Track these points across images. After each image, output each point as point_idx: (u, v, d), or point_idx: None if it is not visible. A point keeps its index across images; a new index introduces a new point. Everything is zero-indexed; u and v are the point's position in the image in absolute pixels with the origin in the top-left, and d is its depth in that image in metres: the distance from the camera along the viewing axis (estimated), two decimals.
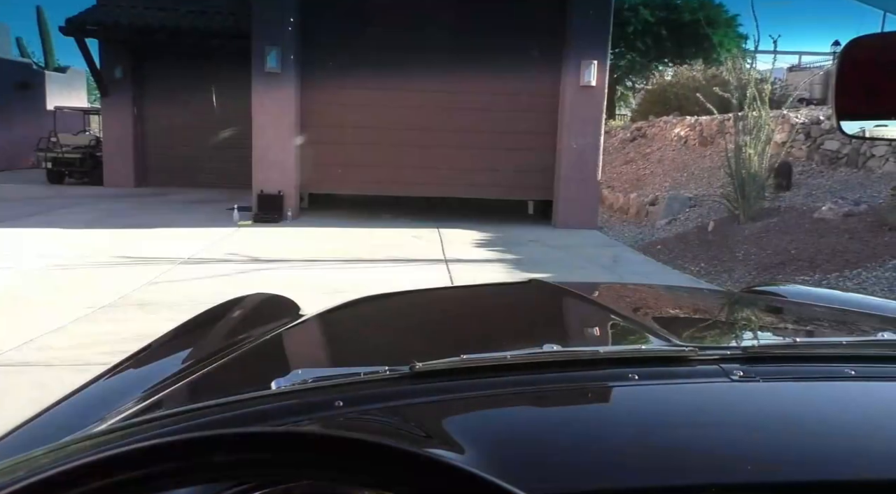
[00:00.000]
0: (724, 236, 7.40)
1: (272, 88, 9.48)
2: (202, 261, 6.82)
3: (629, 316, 1.33)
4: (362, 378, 0.87)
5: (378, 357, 1.26)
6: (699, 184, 10.30)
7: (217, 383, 1.18)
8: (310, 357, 1.39)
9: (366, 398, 0.84)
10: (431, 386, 0.86)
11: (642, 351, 0.96)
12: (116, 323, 4.57)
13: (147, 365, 1.45)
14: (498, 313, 1.70)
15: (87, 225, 8.82)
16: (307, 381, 0.86)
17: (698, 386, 0.87)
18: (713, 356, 0.92)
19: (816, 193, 7.95)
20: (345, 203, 12.63)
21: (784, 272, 5.90)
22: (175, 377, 1.21)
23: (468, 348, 1.12)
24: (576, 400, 0.88)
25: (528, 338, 1.31)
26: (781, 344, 1.02)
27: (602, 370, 0.90)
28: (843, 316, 1.44)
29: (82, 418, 1.08)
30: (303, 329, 1.47)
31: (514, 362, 0.89)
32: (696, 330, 1.34)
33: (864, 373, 0.89)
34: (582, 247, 8.22)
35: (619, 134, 16.26)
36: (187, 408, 0.87)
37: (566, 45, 9.62)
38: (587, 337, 1.36)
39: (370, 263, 6.93)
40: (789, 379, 0.89)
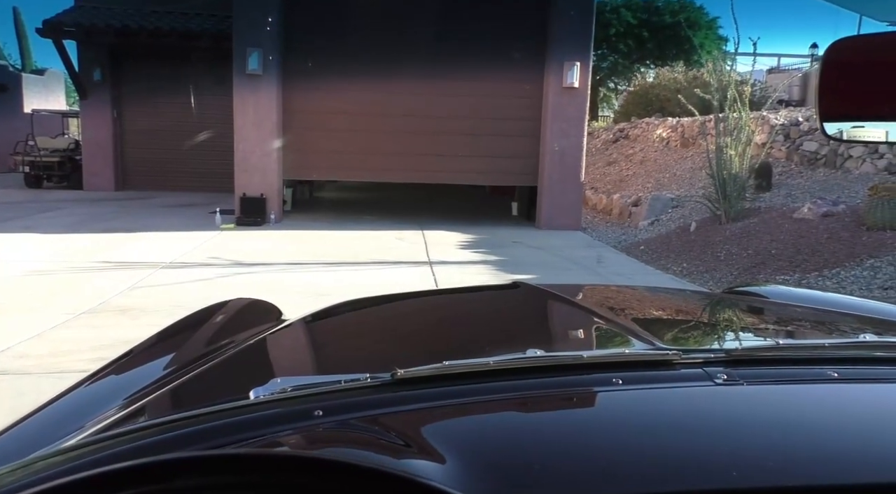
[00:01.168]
0: (706, 236, 7.46)
1: (254, 90, 9.42)
2: (184, 266, 6.75)
3: (612, 318, 1.33)
4: (343, 386, 0.86)
5: (359, 363, 1.25)
6: (681, 185, 10.39)
7: (196, 392, 1.17)
8: (289, 364, 1.38)
9: (346, 407, 0.82)
10: (413, 393, 0.84)
11: (626, 355, 0.96)
12: (96, 329, 4.51)
13: (128, 371, 1.43)
14: (481, 317, 1.68)
15: (67, 229, 8.70)
16: (286, 390, 0.85)
17: (682, 390, 0.87)
18: (697, 359, 0.92)
19: (796, 193, 8.04)
20: (328, 205, 12.59)
21: (765, 271, 5.97)
22: (155, 384, 1.19)
23: (451, 353, 1.10)
24: (560, 406, 0.87)
25: (511, 343, 1.29)
26: (764, 347, 1.02)
27: (586, 374, 0.89)
28: (823, 317, 1.44)
29: (61, 427, 1.07)
30: (283, 335, 1.45)
31: (497, 367, 0.88)
32: (679, 333, 1.34)
33: (845, 375, 0.89)
34: (566, 248, 8.25)
35: (602, 135, 16.36)
36: (163, 421, 0.86)
37: (549, 47, 9.66)
38: (571, 340, 1.35)
39: (354, 266, 6.91)
40: (772, 382, 0.89)
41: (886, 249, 5.65)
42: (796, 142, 9.24)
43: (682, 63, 18.65)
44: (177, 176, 13.51)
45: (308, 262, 7.03)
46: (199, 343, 1.53)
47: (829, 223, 6.42)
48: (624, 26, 21.40)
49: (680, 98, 8.79)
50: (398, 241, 8.44)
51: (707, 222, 7.99)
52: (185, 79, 12.92)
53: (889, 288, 5.08)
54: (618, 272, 6.88)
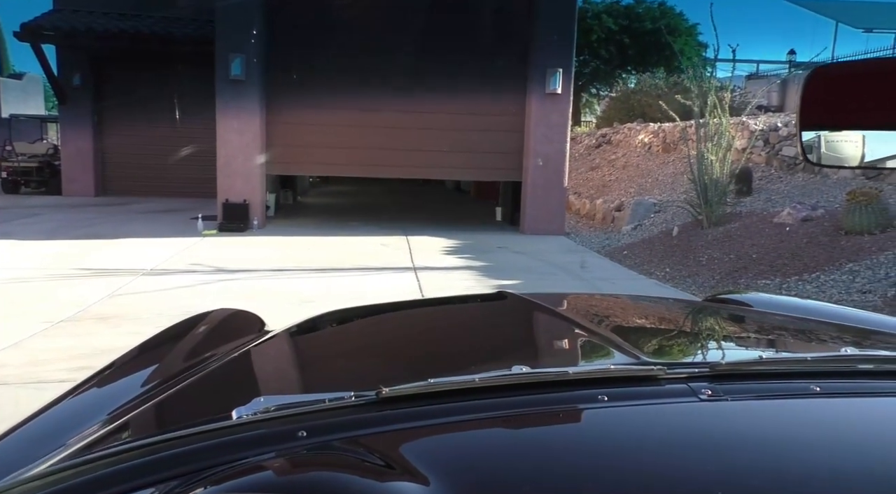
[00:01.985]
0: (689, 241, 7.53)
1: (236, 96, 9.36)
2: (165, 272, 6.68)
3: (597, 330, 1.33)
4: (327, 405, 0.85)
5: (343, 380, 1.25)
6: (663, 190, 10.48)
7: (178, 409, 1.16)
8: (272, 381, 1.36)
9: (330, 427, 0.82)
10: (398, 412, 0.84)
11: (611, 370, 0.96)
12: (75, 337, 4.44)
13: (110, 385, 1.42)
14: (466, 329, 1.69)
15: (46, 235, 8.57)
16: (269, 409, 0.84)
17: (667, 407, 0.87)
18: (681, 374, 0.92)
19: (776, 198, 8.14)
20: (312, 211, 12.53)
21: (746, 276, 6.03)
22: (137, 400, 1.18)
23: (436, 369, 1.10)
24: (546, 424, 0.88)
25: (496, 358, 1.29)
26: (748, 361, 1.03)
27: (571, 391, 0.89)
28: (805, 327, 1.46)
29: (43, 444, 1.06)
30: (266, 348, 1.44)
31: (482, 384, 0.88)
32: (663, 346, 1.35)
33: (828, 390, 0.90)
34: (550, 253, 8.28)
35: (584, 140, 16.46)
36: (144, 443, 0.85)
37: (531, 54, 9.72)
38: (556, 354, 1.35)
39: (338, 272, 6.87)
40: (756, 397, 0.90)
41: (865, 253, 5.74)
42: (776, 148, 9.36)
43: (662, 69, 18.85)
44: (158, 182, 13.37)
45: (291, 269, 6.99)
46: (182, 356, 1.52)
47: (808, 227, 6.51)
48: (605, 32, 21.61)
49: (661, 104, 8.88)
50: (382, 247, 8.42)
51: (689, 227, 8.06)
52: (166, 84, 12.81)
53: (867, 292, 5.15)
54: (602, 277, 6.92)
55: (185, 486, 0.72)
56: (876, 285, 5.23)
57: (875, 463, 0.77)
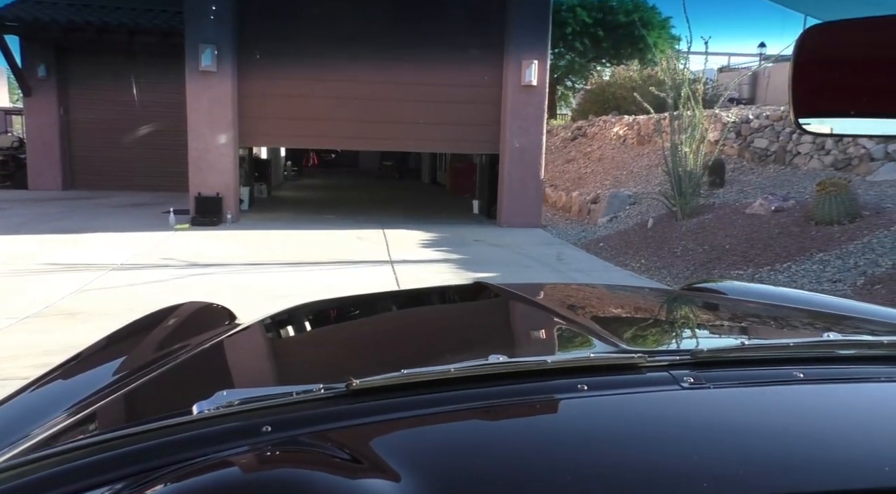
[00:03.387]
0: (663, 233, 7.59)
1: (207, 87, 9.19)
2: (136, 267, 6.55)
3: (576, 320, 1.31)
4: (294, 398, 0.81)
5: (313, 372, 1.21)
6: (638, 182, 10.55)
7: (139, 403, 1.13)
8: (238, 374, 1.31)
9: (297, 421, 0.79)
10: (370, 404, 0.81)
11: (591, 359, 0.94)
12: (41, 334, 4.32)
13: (76, 376, 1.38)
14: (441, 320, 1.65)
15: (10, 230, 8.35)
16: (233, 403, 0.80)
17: (649, 396, 0.85)
18: (662, 362, 0.90)
19: (748, 190, 8.25)
20: (287, 204, 12.39)
21: (720, 266, 6.10)
22: (101, 393, 1.15)
23: (410, 360, 1.07)
24: (524, 414, 0.85)
25: (472, 348, 1.26)
26: (729, 348, 1.02)
27: (550, 381, 0.87)
28: (783, 314, 1.46)
29: (6, 434, 1.02)
30: (233, 341, 1.40)
31: (458, 375, 0.85)
32: (643, 334, 1.33)
33: (811, 376, 0.89)
34: (526, 246, 8.29)
35: (560, 133, 16.52)
36: (101, 439, 0.81)
37: (507, 46, 9.69)
38: (534, 344, 1.32)
39: (313, 266, 6.80)
40: (739, 384, 0.89)
41: (834, 243, 5.83)
42: (747, 140, 9.48)
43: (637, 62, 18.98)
44: (128, 175, 13.11)
45: (266, 263, 6.90)
46: (149, 348, 1.48)
47: (779, 218, 6.60)
48: (580, 25, 21.67)
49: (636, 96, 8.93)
50: (359, 240, 8.36)
51: (664, 218, 8.13)
52: (135, 76, 12.54)
53: (837, 281, 5.24)
54: (578, 268, 6.95)
55: (141, 484, 0.68)
56: (845, 274, 5.32)
57: (859, 449, 0.76)
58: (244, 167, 11.24)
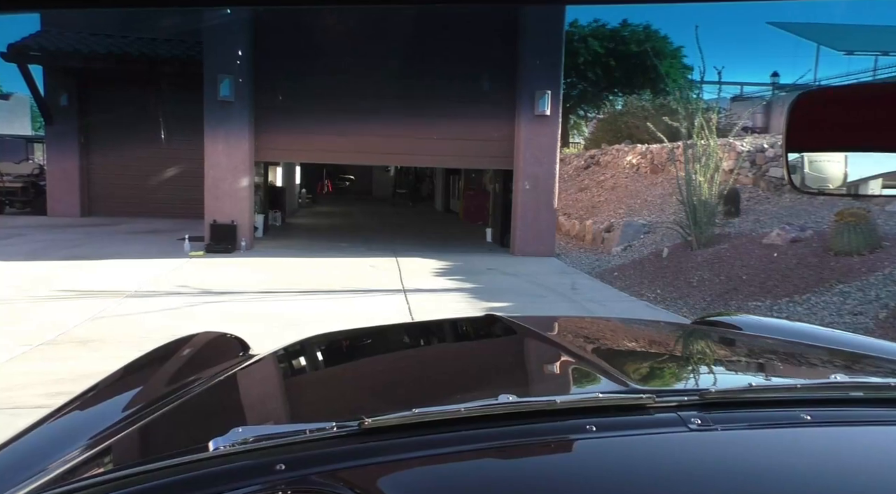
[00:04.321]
0: (679, 262, 7.52)
1: (225, 117, 9.32)
2: (150, 294, 6.56)
3: (586, 356, 1.31)
4: (307, 436, 0.83)
5: (326, 409, 1.23)
6: (652, 211, 10.51)
7: (157, 437, 1.14)
8: (252, 409, 1.32)
9: (310, 460, 0.80)
10: (381, 444, 0.82)
11: (600, 399, 0.94)
12: (54, 361, 4.32)
13: (92, 408, 1.39)
14: (453, 355, 1.67)
15: (27, 256, 8.43)
16: (248, 440, 0.81)
17: (657, 437, 0.86)
18: (671, 403, 0.91)
19: (764, 219, 8.17)
20: (301, 232, 12.45)
21: (737, 298, 6.01)
22: (117, 426, 1.15)
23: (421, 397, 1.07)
24: (533, 455, 0.85)
25: (483, 385, 1.27)
26: (737, 389, 1.02)
27: (559, 421, 0.88)
28: (794, 351, 1.45)
29: (25, 467, 1.03)
30: (248, 374, 1.41)
31: (468, 415, 0.86)
32: (652, 372, 1.34)
33: (819, 418, 0.89)
34: (540, 275, 8.24)
35: (573, 161, 16.54)
36: (119, 475, 0.83)
37: (519, 76, 9.77)
38: (544, 382, 1.34)
39: (327, 294, 6.78)
40: (746, 426, 0.89)
41: (854, 274, 5.74)
42: (762, 169, 9.42)
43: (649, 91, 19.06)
44: (145, 202, 13.26)
45: (279, 291, 6.90)
46: (164, 379, 1.50)
47: (797, 248, 6.52)
48: (592, 55, 21.87)
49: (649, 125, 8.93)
50: (372, 269, 8.35)
51: (679, 248, 8.06)
52: (154, 104, 12.75)
53: (859, 314, 5.14)
54: (592, 299, 6.87)
55: None
56: (867, 307, 5.22)
57: (865, 492, 0.75)
58: (259, 194, 11.33)
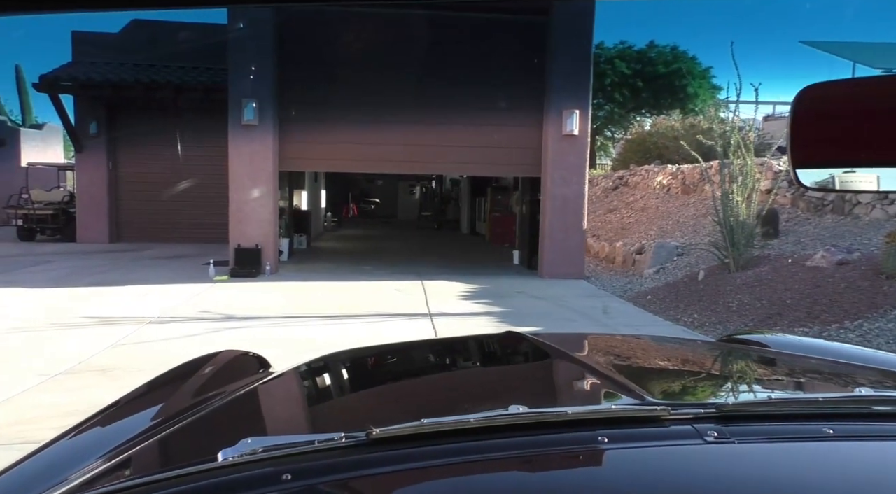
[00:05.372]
0: (716, 286, 7.19)
1: (249, 141, 9.29)
2: (172, 320, 6.46)
3: (602, 370, 1.26)
4: (315, 446, 0.82)
5: (336, 420, 1.24)
6: (685, 232, 10.19)
7: (171, 449, 1.16)
8: (263, 422, 1.34)
9: (317, 470, 0.79)
10: (389, 454, 0.81)
11: (613, 411, 0.92)
12: (71, 392, 4.19)
13: (113, 422, 1.42)
14: (467, 369, 1.67)
15: (54, 283, 8.43)
16: (256, 450, 0.81)
17: (671, 449, 0.83)
18: (686, 415, 0.88)
19: (805, 241, 7.82)
20: (325, 255, 12.36)
21: (781, 323, 5.68)
22: (135, 439, 1.17)
23: (431, 409, 1.07)
24: (544, 466, 0.83)
25: (495, 397, 1.26)
26: (756, 402, 0.99)
27: (570, 432, 0.86)
28: (819, 368, 1.40)
29: (47, 478, 1.05)
30: (261, 389, 1.42)
31: (477, 425, 0.84)
32: (669, 386, 1.30)
33: (841, 432, 0.86)
34: (570, 298, 7.97)
35: (601, 182, 16.29)
36: (131, 484, 0.84)
37: (548, 95, 9.60)
38: (557, 394, 1.31)
39: (351, 319, 6.61)
40: (765, 439, 0.86)
41: None
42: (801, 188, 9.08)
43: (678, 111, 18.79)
44: (172, 227, 13.32)
45: (303, 315, 6.75)
46: (185, 395, 1.52)
47: (845, 272, 6.16)
48: (619, 76, 21.70)
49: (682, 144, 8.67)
50: (397, 292, 8.17)
51: (715, 270, 7.74)
52: (181, 131, 12.85)
53: None
54: (626, 323, 6.59)
55: None
56: None
57: None
58: (284, 218, 11.28)
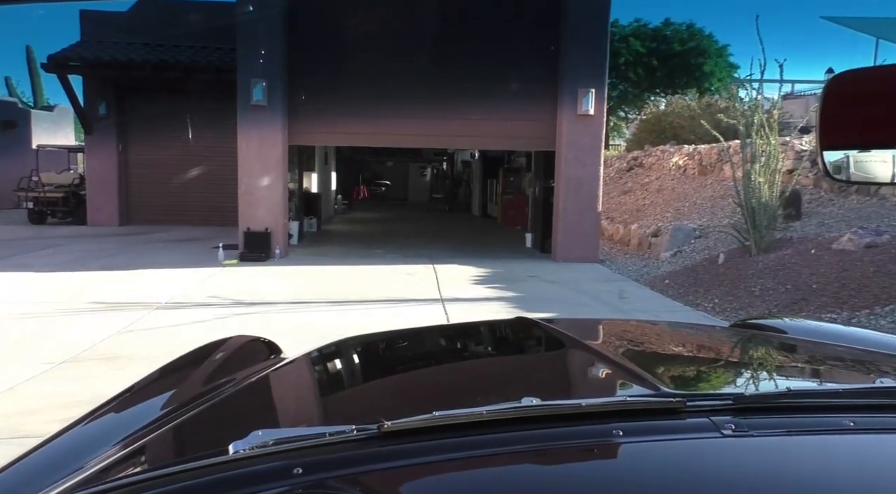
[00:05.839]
0: (737, 269, 6.99)
1: (258, 122, 9.13)
2: (181, 306, 6.36)
3: (616, 359, 1.24)
4: (326, 439, 0.81)
5: (347, 412, 1.22)
6: (702, 214, 9.95)
7: (183, 439, 1.16)
8: (274, 412, 1.31)
9: (328, 463, 0.79)
10: (401, 447, 0.81)
11: (628, 403, 0.90)
12: (76, 381, 4.09)
13: (129, 408, 1.43)
14: (479, 358, 1.65)
15: (63, 267, 8.36)
16: (267, 443, 0.81)
17: (687, 443, 0.82)
18: (703, 407, 0.86)
19: (829, 223, 7.59)
20: (336, 238, 12.24)
21: (808, 309, 5.48)
22: (151, 426, 1.17)
23: (444, 400, 1.05)
24: (557, 460, 0.83)
25: (507, 388, 1.24)
26: (774, 393, 0.97)
27: (585, 425, 0.84)
28: (840, 355, 1.36)
29: (62, 466, 1.05)
30: (272, 378, 1.41)
31: (490, 418, 0.83)
32: (685, 375, 1.28)
33: (862, 425, 0.84)
34: (585, 283, 7.80)
35: (614, 163, 16.01)
36: (146, 477, 0.85)
37: (562, 74, 9.35)
38: (571, 385, 1.30)
39: (362, 304, 6.48)
40: (784, 432, 0.84)
41: None
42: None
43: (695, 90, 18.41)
44: (181, 210, 13.23)
45: (313, 301, 6.63)
46: (197, 381, 1.53)
47: (874, 255, 5.94)
48: (633, 55, 21.30)
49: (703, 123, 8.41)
50: (409, 277, 8.03)
51: (736, 253, 7.52)
52: (190, 112, 12.70)
53: None
54: (643, 309, 6.42)
55: None
56: None
57: None
58: (294, 201, 11.15)
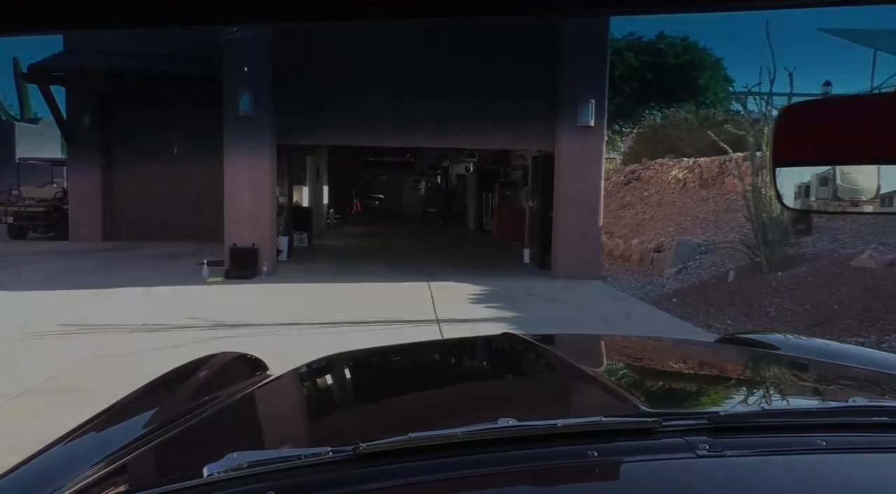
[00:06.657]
0: (750, 288, 6.63)
1: (245, 134, 8.74)
2: (158, 328, 5.94)
3: (597, 377, 1.26)
4: (301, 462, 0.81)
5: (324, 433, 1.23)
6: (706, 229, 9.62)
7: (160, 461, 1.13)
8: (251, 434, 1.29)
9: (303, 487, 0.79)
10: (376, 469, 0.80)
11: (602, 423, 0.88)
12: (27, 418, 3.65)
13: (109, 427, 1.39)
14: (460, 375, 1.65)
15: (38, 285, 7.92)
16: (242, 466, 0.80)
17: (662, 463, 0.82)
18: (679, 427, 0.86)
19: (842, 238, 7.26)
20: (327, 254, 11.84)
21: (832, 331, 5.12)
22: (129, 447, 1.15)
23: (422, 420, 1.15)
24: (532, 482, 0.83)
25: (486, 408, 1.24)
26: (749, 413, 0.97)
27: (560, 446, 0.84)
28: (822, 372, 1.38)
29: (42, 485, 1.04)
30: (252, 398, 1.40)
31: (465, 439, 0.82)
32: (662, 393, 1.30)
33: (835, 444, 0.84)
34: (587, 301, 7.43)
35: (612, 177, 15.72)
36: None
37: (561, 85, 9.04)
38: (548, 404, 1.29)
39: (353, 326, 6.08)
40: (758, 452, 0.85)
41: None
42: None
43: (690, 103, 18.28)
44: (167, 225, 12.79)
45: (300, 322, 6.22)
46: (181, 400, 1.49)
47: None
48: (628, 68, 21.18)
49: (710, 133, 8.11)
50: (402, 295, 7.64)
51: (746, 270, 7.18)
52: (176, 125, 12.33)
53: None
54: (652, 329, 6.03)
55: None
56: None
57: None
58: (283, 215, 10.75)
